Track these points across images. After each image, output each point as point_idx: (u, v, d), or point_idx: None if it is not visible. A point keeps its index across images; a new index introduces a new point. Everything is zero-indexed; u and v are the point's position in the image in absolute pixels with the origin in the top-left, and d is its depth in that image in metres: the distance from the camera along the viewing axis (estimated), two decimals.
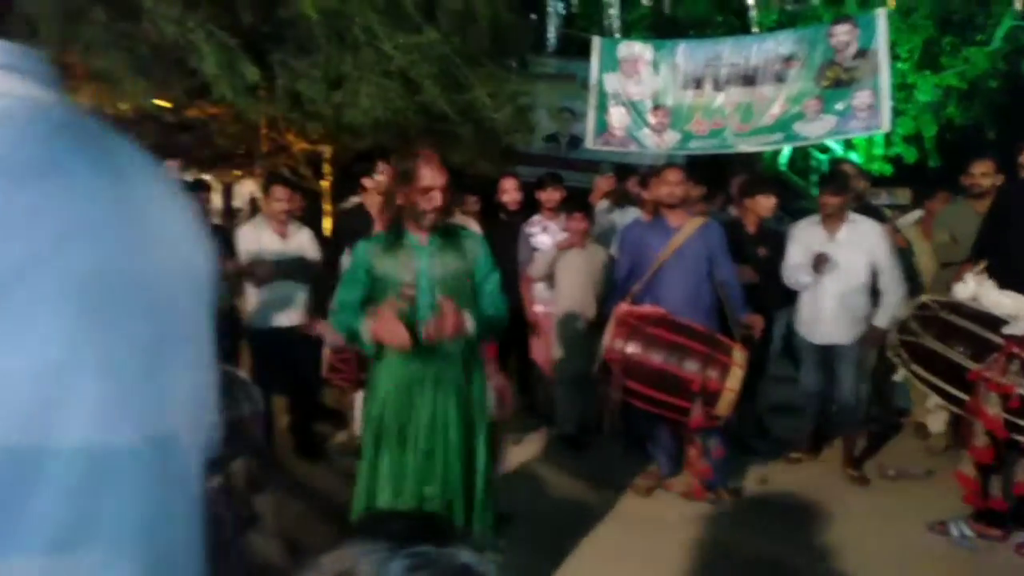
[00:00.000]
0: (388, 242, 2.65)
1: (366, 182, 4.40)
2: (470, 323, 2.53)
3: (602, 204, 5.32)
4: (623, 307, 3.91)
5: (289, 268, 4.34)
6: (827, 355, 4.39)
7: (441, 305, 2.45)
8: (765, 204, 4.75)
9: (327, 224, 7.89)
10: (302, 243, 4.45)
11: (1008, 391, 3.19)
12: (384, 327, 2.41)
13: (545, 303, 5.01)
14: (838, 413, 4.46)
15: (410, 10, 4.46)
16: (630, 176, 5.68)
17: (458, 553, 0.83)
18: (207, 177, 7.45)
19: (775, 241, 4.66)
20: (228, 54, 3.74)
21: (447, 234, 2.68)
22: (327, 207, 8.14)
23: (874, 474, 4.43)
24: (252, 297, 4.39)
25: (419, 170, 2.52)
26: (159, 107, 5.22)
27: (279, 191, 4.39)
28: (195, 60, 3.72)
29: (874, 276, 4.28)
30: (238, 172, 9.12)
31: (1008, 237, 3.75)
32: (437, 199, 2.52)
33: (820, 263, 4.23)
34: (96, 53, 3.69)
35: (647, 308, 3.90)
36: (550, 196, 4.95)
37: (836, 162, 6.56)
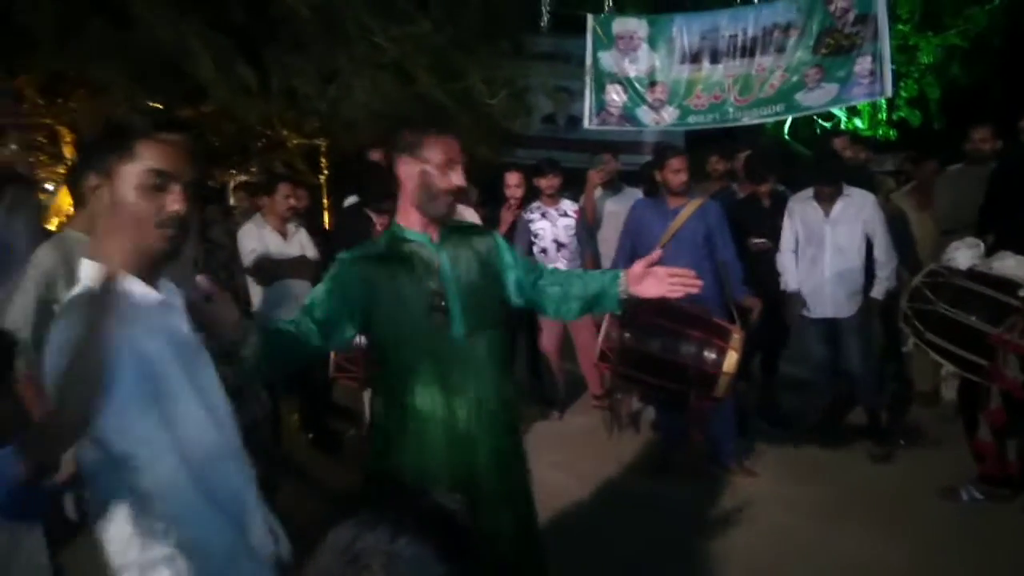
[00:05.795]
0: (388, 246, 2.07)
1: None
2: None
3: (597, 192, 5.30)
4: None
5: (292, 267, 4.34)
6: (830, 329, 4.39)
7: None
8: (761, 190, 4.83)
9: (326, 219, 7.85)
10: (302, 241, 4.46)
11: None
12: None
13: None
14: (854, 387, 4.44)
15: (401, 1, 4.42)
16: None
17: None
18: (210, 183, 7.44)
19: None
20: (224, 56, 3.70)
21: (456, 230, 2.16)
22: (325, 202, 8.09)
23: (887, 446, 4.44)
24: (255, 297, 4.40)
25: (433, 143, 2.00)
26: (151, 108, 5.18)
27: (284, 188, 4.38)
28: (190, 64, 3.68)
29: (869, 247, 4.27)
30: (234, 172, 9.10)
31: (1013, 204, 3.72)
32: (460, 176, 2.00)
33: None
34: (93, 63, 3.66)
35: None
36: (549, 183, 4.91)
37: (832, 135, 6.47)
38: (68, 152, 6.78)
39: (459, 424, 2.02)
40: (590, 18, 7.28)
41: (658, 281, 2.07)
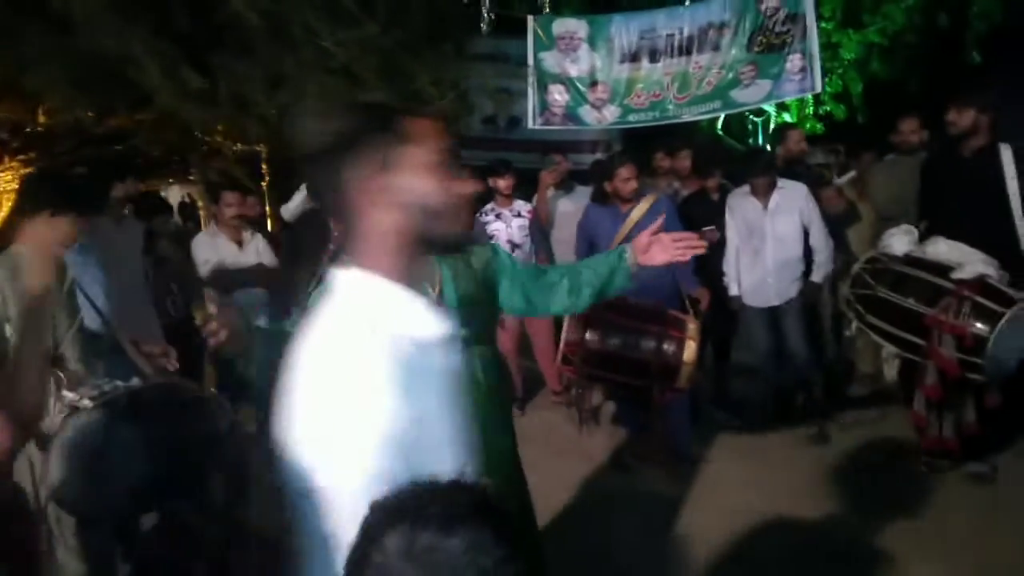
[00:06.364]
0: None
1: None
2: None
3: (549, 192, 5.39)
4: None
5: (248, 276, 4.28)
6: (773, 316, 4.59)
7: None
8: (709, 185, 5.03)
9: (269, 226, 7.71)
10: (258, 249, 4.40)
11: (962, 332, 3.39)
12: None
13: None
14: (794, 368, 4.63)
15: (346, 3, 4.39)
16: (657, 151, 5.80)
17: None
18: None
19: None
20: (170, 62, 3.62)
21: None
22: (268, 209, 7.95)
23: (833, 425, 4.64)
24: (213, 308, 4.33)
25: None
26: (84, 119, 5.00)
27: (229, 196, 4.31)
28: (135, 70, 3.59)
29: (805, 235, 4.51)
30: (172, 181, 8.87)
31: (942, 193, 3.95)
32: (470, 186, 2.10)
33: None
34: (32, 70, 3.53)
35: None
36: (507, 183, 4.97)
37: (787, 127, 6.70)
38: None
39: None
40: (530, 19, 7.36)
41: (664, 248, 2.12)
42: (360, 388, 1.03)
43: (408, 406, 1.04)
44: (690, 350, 3.65)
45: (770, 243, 4.51)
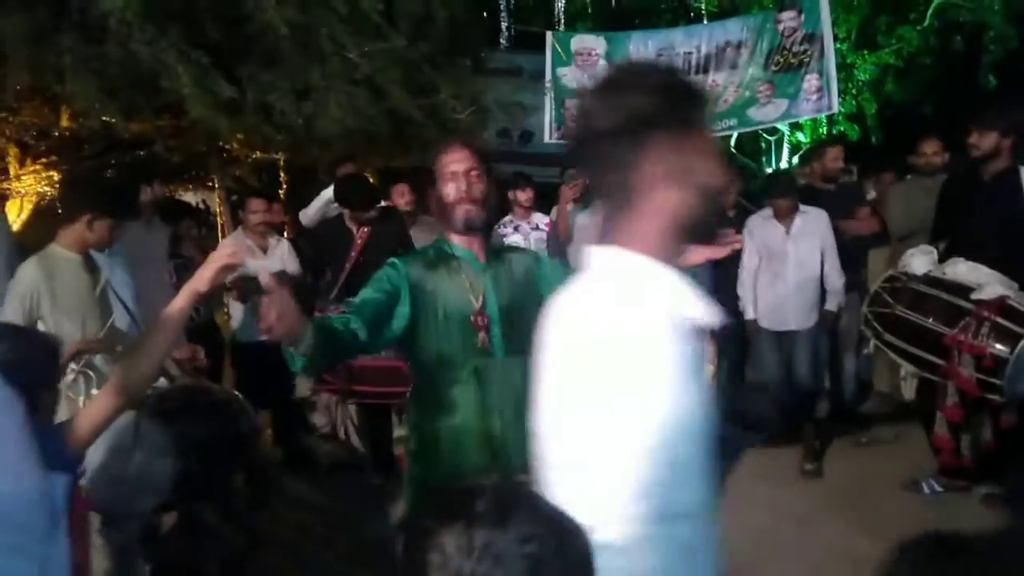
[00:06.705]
0: (436, 256, 2.13)
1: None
2: None
3: (568, 206, 5.43)
4: None
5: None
6: (788, 340, 4.59)
7: None
8: (727, 201, 5.02)
9: (286, 233, 7.80)
10: (283, 256, 4.44)
11: (981, 352, 3.40)
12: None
13: None
14: (798, 397, 4.62)
15: (373, 17, 4.46)
16: None
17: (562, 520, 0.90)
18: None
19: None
20: (202, 72, 3.70)
21: (500, 251, 2.25)
22: (286, 217, 8.06)
23: (848, 443, 4.66)
24: (235, 312, 4.37)
25: (441, 159, 2.10)
26: (111, 124, 5.09)
27: (256, 203, 4.37)
28: (166, 80, 3.66)
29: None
30: (191, 187, 8.98)
31: (963, 218, 3.97)
32: (462, 184, 2.04)
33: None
34: (68, 78, 3.61)
35: None
36: (527, 195, 5.02)
37: (824, 144, 6.69)
38: (13, 170, 6.56)
39: (495, 439, 2.04)
40: (549, 35, 7.46)
41: (699, 248, 2.13)
42: (649, 372, 0.99)
43: (686, 393, 1.02)
44: (708, 374, 3.66)
45: (792, 267, 4.50)
